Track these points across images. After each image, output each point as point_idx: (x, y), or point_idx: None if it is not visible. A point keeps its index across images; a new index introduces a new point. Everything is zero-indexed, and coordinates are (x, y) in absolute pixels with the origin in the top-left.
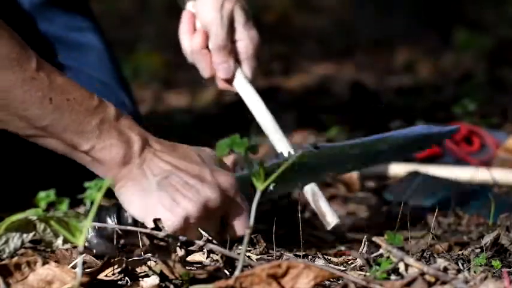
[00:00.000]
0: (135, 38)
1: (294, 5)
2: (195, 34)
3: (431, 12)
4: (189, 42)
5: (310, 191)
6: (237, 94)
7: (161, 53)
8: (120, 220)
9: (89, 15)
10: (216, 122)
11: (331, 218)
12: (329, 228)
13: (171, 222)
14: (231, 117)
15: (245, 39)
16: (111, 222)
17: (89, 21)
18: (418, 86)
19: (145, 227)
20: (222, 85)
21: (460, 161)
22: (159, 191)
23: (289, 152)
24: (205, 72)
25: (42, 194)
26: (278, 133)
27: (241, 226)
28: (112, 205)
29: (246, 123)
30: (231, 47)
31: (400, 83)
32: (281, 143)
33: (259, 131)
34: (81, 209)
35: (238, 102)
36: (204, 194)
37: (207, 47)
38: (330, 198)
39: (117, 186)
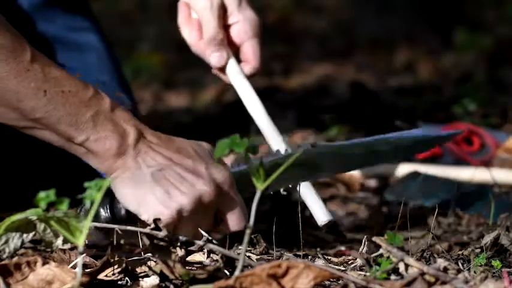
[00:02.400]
0: (135, 38)
1: (294, 5)
2: (191, 26)
3: (431, 12)
4: (187, 35)
5: (303, 188)
6: (232, 87)
7: (161, 53)
8: (113, 211)
9: (89, 15)
10: (216, 122)
11: (322, 215)
12: (321, 225)
13: (164, 215)
14: (231, 117)
15: (241, 21)
16: (104, 213)
17: (89, 21)
18: (418, 86)
19: (144, 226)
20: (216, 72)
21: (460, 161)
22: (153, 184)
23: (286, 150)
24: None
25: (42, 194)
26: (273, 130)
27: (235, 221)
28: (105, 196)
29: (246, 123)
30: (223, 34)
31: (400, 83)
32: (274, 139)
33: (260, 132)
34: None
35: (238, 102)
36: (198, 187)
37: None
38: (330, 198)
39: (111, 177)
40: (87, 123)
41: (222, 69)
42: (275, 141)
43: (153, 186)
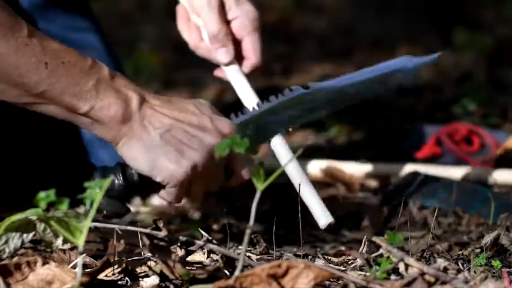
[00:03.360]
0: (135, 38)
1: (294, 5)
2: (191, 29)
3: (432, 12)
4: (188, 38)
5: (304, 189)
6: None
7: (161, 53)
8: (126, 177)
9: (89, 15)
10: None
11: (324, 217)
12: (322, 227)
13: (178, 173)
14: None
15: (240, 16)
16: (116, 181)
17: (89, 21)
18: (418, 86)
19: (146, 227)
20: (217, 74)
21: (460, 161)
22: (163, 145)
23: (284, 92)
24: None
25: (42, 194)
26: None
27: (245, 171)
28: (117, 165)
29: (243, 109)
30: (226, 30)
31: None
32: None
33: None
34: (81, 209)
35: (238, 102)
36: (208, 141)
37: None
38: (330, 198)
39: (119, 144)
40: (90, 92)
41: (225, 66)
42: (275, 141)
43: (164, 147)
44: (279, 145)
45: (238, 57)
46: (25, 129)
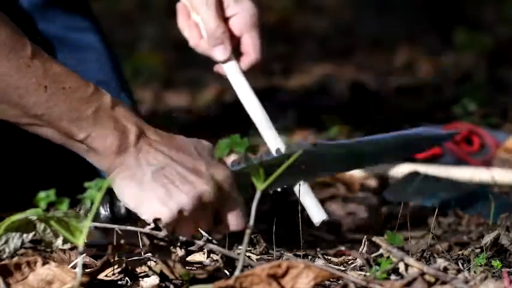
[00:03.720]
0: (135, 38)
1: (294, 5)
2: (191, 27)
3: (432, 12)
4: (188, 36)
5: (299, 187)
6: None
7: (161, 53)
8: (113, 210)
9: (89, 15)
10: (216, 122)
11: (318, 213)
12: (316, 224)
13: (164, 215)
14: (231, 117)
15: (239, 13)
16: (103, 212)
17: (89, 21)
18: (418, 86)
19: (144, 226)
20: (218, 70)
21: (460, 161)
22: (154, 183)
23: (287, 148)
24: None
25: (42, 194)
26: (270, 128)
27: (234, 221)
28: (105, 195)
29: (246, 123)
30: (224, 27)
31: (400, 83)
32: (272, 138)
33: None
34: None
35: (238, 102)
36: (199, 187)
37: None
38: (330, 198)
39: (111, 175)
40: (88, 120)
41: (223, 64)
42: (272, 140)
43: (154, 185)
44: None
45: (238, 54)
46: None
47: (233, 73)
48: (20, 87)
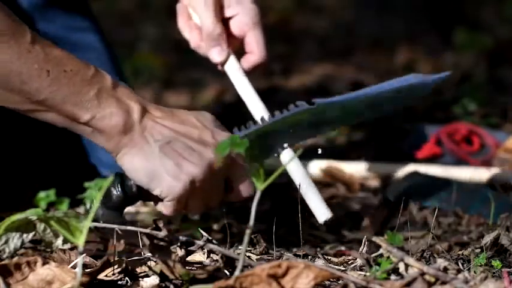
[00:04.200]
0: (135, 38)
1: (294, 5)
2: (191, 28)
3: (432, 12)
4: (189, 37)
5: (304, 185)
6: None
7: (161, 53)
8: (124, 189)
9: (89, 15)
10: None
11: (323, 212)
12: (321, 222)
13: (176, 187)
14: (231, 117)
15: (240, 13)
16: (115, 192)
17: (89, 21)
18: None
19: (146, 227)
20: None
21: (460, 161)
22: (162, 157)
23: (288, 107)
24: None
25: (42, 194)
26: (264, 110)
27: (245, 187)
28: (115, 175)
29: (246, 123)
30: (221, 29)
31: None
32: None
33: None
34: (81, 209)
35: (238, 102)
36: (207, 156)
37: None
38: (330, 198)
39: (119, 154)
40: (92, 101)
41: (223, 65)
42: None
43: (163, 159)
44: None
45: (242, 54)
46: (25, 130)
47: (234, 73)
48: (23, 73)
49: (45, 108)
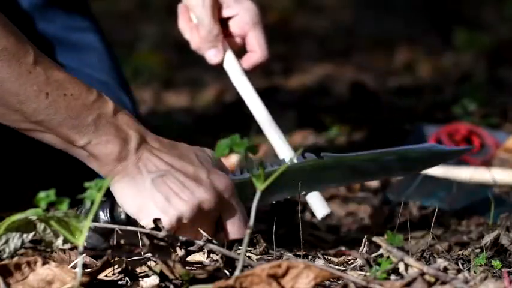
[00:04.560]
0: (135, 38)
1: (294, 5)
2: (192, 29)
3: (431, 12)
4: (189, 37)
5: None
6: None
7: (161, 53)
8: (113, 215)
9: (88, 15)
10: (216, 122)
11: (321, 208)
12: (319, 218)
13: (163, 221)
14: (231, 117)
15: (240, 13)
16: (103, 217)
17: (89, 21)
18: (418, 86)
19: (144, 227)
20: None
21: (460, 161)
22: (153, 190)
23: (291, 159)
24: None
25: (42, 194)
26: (267, 119)
27: (235, 230)
28: (105, 199)
29: (246, 123)
30: (218, 30)
31: (400, 83)
32: (275, 136)
33: (260, 131)
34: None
35: (238, 102)
36: (199, 195)
37: None
38: (330, 198)
39: (112, 181)
40: (89, 127)
41: (222, 65)
42: (276, 138)
43: (154, 192)
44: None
45: (243, 53)
46: None
47: (234, 73)
48: (20, 94)
49: (42, 129)
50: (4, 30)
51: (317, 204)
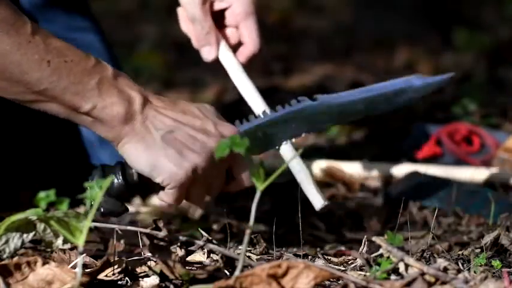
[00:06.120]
0: (135, 38)
1: (294, 5)
2: (190, 29)
3: (431, 12)
4: (190, 37)
5: (300, 174)
6: (237, 92)
7: (161, 53)
8: (126, 177)
9: (89, 15)
10: None
11: (319, 199)
12: (317, 209)
13: (178, 175)
14: (231, 117)
15: (233, 4)
16: (116, 180)
17: (89, 21)
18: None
19: (146, 227)
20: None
21: (460, 161)
22: (164, 146)
23: (291, 102)
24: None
25: (42, 194)
26: (262, 104)
27: (246, 177)
28: (116, 163)
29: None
30: (209, 27)
31: None
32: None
33: None
34: (81, 209)
35: (238, 102)
36: (210, 145)
37: None
38: (330, 198)
39: (120, 143)
40: (93, 91)
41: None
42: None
43: (165, 148)
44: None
45: (238, 46)
46: (25, 130)
47: (231, 68)
48: (22, 64)
49: (45, 98)
50: (1, 2)
51: (314, 196)
